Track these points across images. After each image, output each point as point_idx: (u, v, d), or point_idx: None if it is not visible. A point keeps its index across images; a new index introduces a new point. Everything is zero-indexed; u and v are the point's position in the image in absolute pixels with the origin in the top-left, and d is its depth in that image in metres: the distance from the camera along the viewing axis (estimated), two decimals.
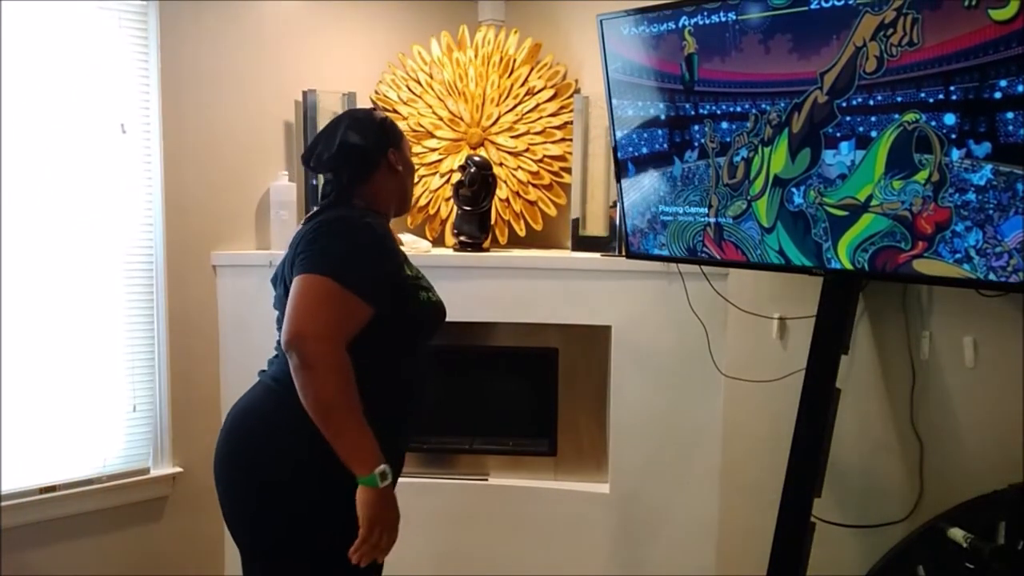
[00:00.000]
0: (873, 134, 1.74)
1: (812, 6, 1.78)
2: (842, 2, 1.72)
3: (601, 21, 2.20)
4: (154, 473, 2.61)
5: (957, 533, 1.76)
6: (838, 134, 1.80)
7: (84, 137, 2.44)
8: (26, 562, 2.39)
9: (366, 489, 1.42)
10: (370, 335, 1.50)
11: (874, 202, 1.78)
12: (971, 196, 1.63)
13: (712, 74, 2.01)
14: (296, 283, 1.46)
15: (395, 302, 1.55)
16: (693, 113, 2.07)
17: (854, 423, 2.18)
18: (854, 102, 1.76)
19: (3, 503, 2.32)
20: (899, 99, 1.69)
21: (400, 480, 1.68)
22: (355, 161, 1.67)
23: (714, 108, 2.02)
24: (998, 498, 1.79)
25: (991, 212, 1.61)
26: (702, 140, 2.08)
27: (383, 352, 1.56)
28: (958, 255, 1.67)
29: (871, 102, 1.73)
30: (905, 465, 2.11)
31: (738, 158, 2.01)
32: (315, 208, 1.69)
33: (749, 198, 2.01)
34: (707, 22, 1.97)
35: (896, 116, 1.70)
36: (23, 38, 2.31)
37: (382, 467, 1.43)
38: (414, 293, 1.61)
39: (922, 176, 1.69)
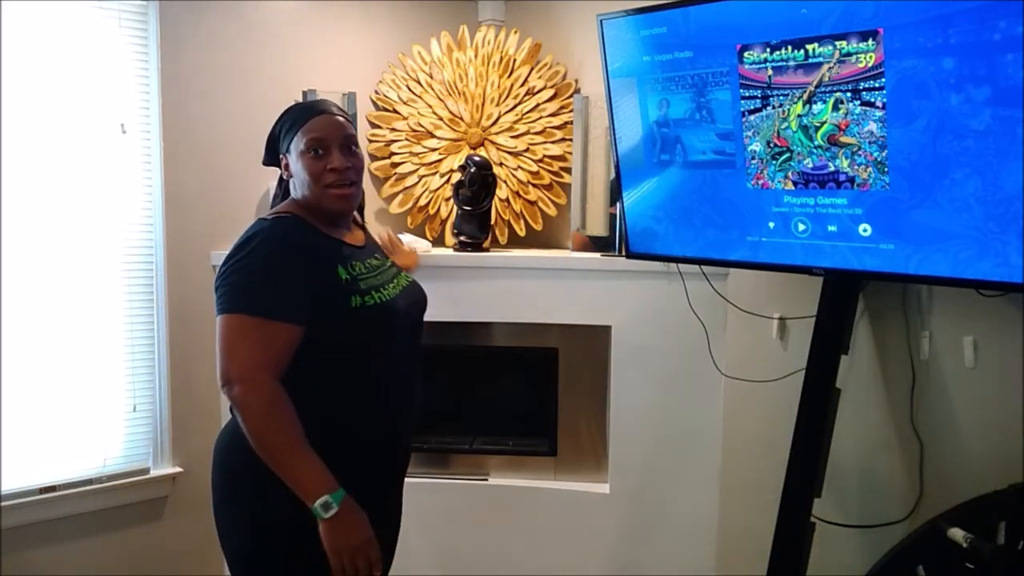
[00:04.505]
0: None
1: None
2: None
3: (601, 21, 2.20)
4: (154, 473, 2.61)
5: (957, 533, 1.76)
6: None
7: (84, 137, 2.44)
8: (26, 562, 2.39)
9: (320, 520, 1.38)
10: (314, 351, 1.45)
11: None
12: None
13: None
14: (217, 324, 1.43)
15: (323, 311, 1.45)
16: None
17: (854, 423, 2.18)
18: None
19: (3, 503, 2.32)
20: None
21: None
22: (269, 155, 1.63)
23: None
24: (998, 498, 1.79)
25: None
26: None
27: (335, 367, 1.49)
28: None
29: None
30: (905, 465, 2.11)
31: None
32: None
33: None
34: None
35: None
36: (23, 38, 2.31)
37: (323, 498, 1.36)
38: (344, 300, 1.47)
39: None
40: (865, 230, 1.85)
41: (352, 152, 1.57)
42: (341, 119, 1.58)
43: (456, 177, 2.88)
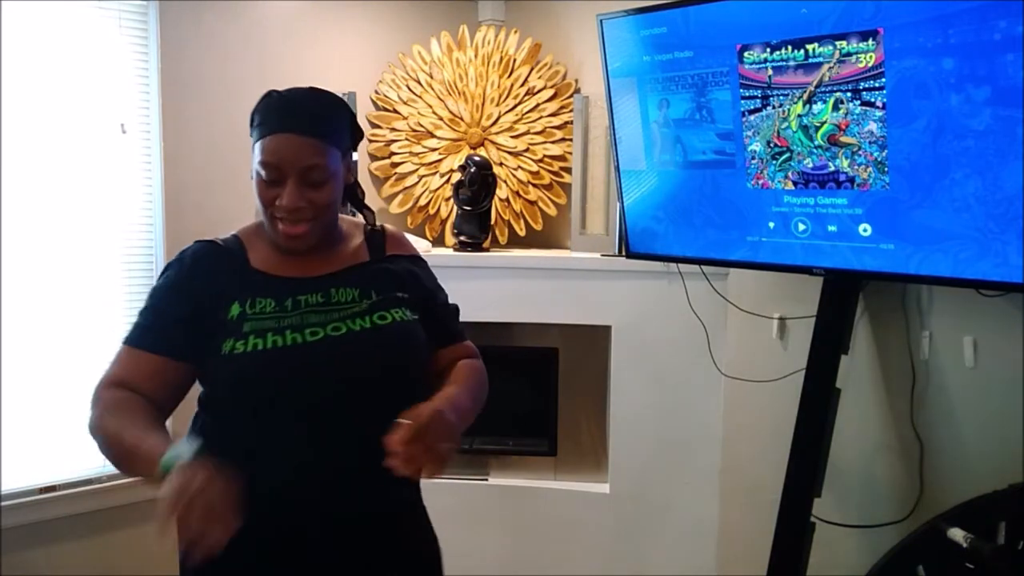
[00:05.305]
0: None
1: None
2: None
3: (601, 21, 2.20)
4: None
5: (957, 533, 1.76)
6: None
7: (84, 137, 2.44)
8: (26, 562, 2.39)
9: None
10: (205, 391, 1.31)
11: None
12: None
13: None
14: None
15: (201, 353, 1.25)
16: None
17: (854, 423, 2.18)
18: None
19: (3, 503, 2.32)
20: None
21: None
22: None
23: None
24: (998, 498, 1.79)
25: None
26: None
27: (218, 412, 1.30)
28: None
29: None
30: (905, 465, 2.11)
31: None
32: None
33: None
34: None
35: None
36: (23, 38, 2.31)
37: (170, 454, 1.09)
38: (218, 343, 1.23)
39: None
40: (865, 230, 1.85)
41: (313, 185, 1.23)
42: (307, 141, 1.22)
43: (456, 177, 2.88)
